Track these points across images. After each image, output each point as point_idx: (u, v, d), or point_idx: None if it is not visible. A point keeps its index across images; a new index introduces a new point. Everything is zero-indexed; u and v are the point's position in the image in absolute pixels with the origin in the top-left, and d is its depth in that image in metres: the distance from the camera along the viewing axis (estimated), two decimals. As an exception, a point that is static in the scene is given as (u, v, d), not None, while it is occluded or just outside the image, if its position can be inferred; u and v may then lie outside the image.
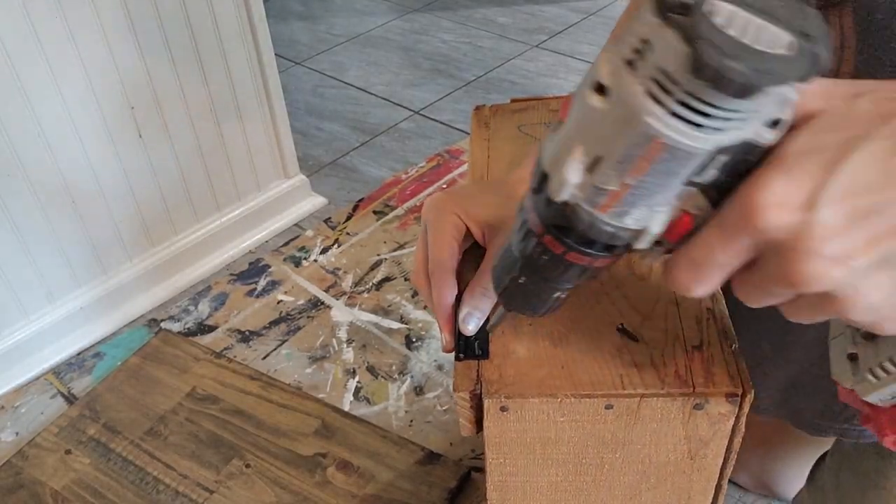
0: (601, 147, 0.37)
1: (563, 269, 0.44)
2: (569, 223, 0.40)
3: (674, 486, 0.60)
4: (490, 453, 0.58)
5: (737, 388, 0.52)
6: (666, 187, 0.37)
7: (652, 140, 0.34)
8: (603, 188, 0.37)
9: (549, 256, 0.43)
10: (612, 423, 0.54)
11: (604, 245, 0.41)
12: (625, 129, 0.35)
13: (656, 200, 0.38)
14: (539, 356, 0.56)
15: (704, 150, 0.34)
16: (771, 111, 0.35)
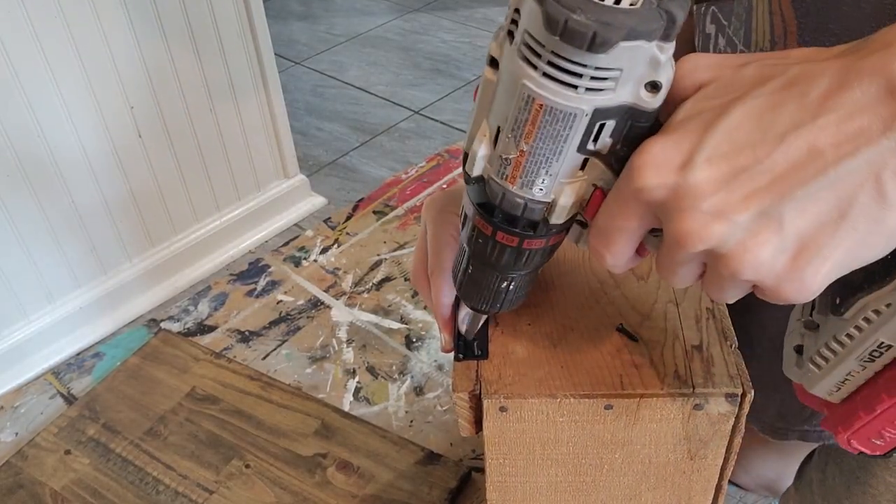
0: (499, 117, 0.39)
1: (498, 251, 0.45)
2: (488, 199, 0.42)
3: (674, 486, 0.59)
4: (489, 454, 0.57)
5: (737, 388, 0.52)
6: (560, 153, 0.38)
7: (532, 102, 0.36)
8: (506, 157, 0.39)
9: (482, 239, 0.45)
10: (611, 424, 0.54)
11: (527, 222, 0.42)
12: (511, 95, 0.37)
13: (556, 169, 0.39)
14: (538, 356, 0.56)
15: (581, 109, 0.36)
16: (642, 72, 0.36)
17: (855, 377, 0.42)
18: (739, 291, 0.39)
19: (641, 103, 0.37)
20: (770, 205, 0.34)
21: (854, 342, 0.40)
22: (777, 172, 0.34)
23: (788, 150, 0.34)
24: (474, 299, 0.52)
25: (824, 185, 0.34)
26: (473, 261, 0.49)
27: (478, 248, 0.47)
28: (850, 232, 0.34)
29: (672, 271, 0.40)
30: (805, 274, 0.35)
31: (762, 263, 0.35)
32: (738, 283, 0.37)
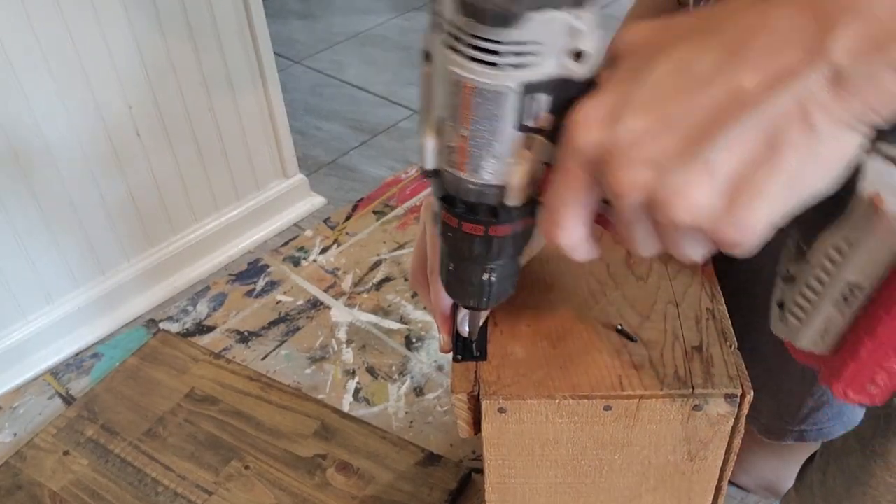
0: (439, 108, 0.40)
1: (468, 243, 0.45)
2: (446, 191, 0.43)
3: (674, 487, 0.59)
4: (488, 455, 0.57)
5: (736, 388, 0.52)
6: (498, 133, 0.39)
7: (462, 86, 0.37)
8: (452, 146, 0.40)
9: (451, 232, 0.46)
10: (610, 425, 0.54)
11: (486, 209, 0.43)
12: (444, 84, 0.38)
13: (499, 150, 0.39)
14: (537, 357, 0.55)
15: (507, 87, 0.37)
16: (562, 42, 0.36)
17: (836, 323, 0.41)
18: (694, 243, 0.38)
19: (570, 73, 0.37)
20: (699, 147, 0.34)
21: (824, 286, 0.39)
22: (704, 115, 0.34)
23: (713, 92, 0.34)
24: (461, 296, 0.52)
25: (751, 122, 0.33)
26: (451, 257, 0.49)
27: (450, 243, 0.47)
28: (782, 167, 0.33)
29: (629, 235, 0.39)
30: (742, 214, 0.34)
31: (697, 206, 0.35)
32: (683, 233, 0.37)
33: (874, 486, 0.69)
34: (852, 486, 0.72)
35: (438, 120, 0.41)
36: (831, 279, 0.39)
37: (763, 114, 0.33)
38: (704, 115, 0.34)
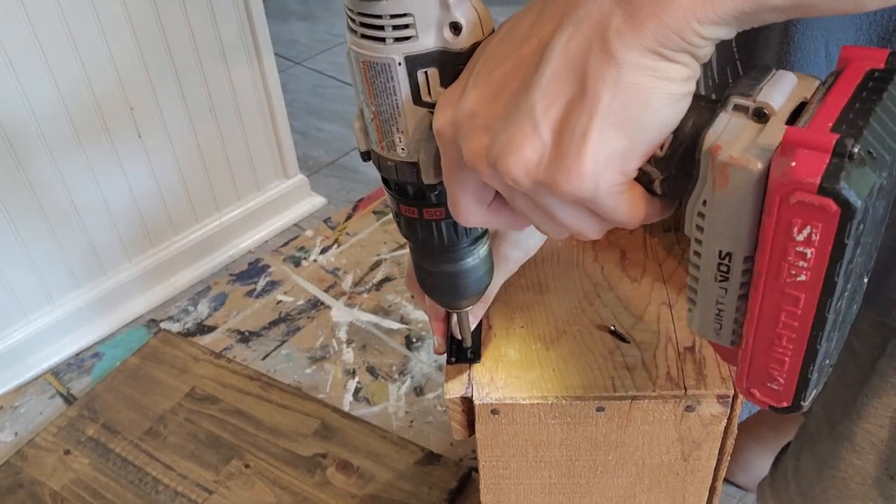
0: (357, 92, 0.42)
1: (412, 228, 0.47)
2: (378, 170, 0.45)
3: (668, 487, 0.59)
4: (482, 456, 0.57)
5: (728, 389, 0.52)
6: (398, 107, 0.40)
7: (360, 63, 0.39)
8: (370, 123, 0.42)
9: (398, 219, 0.47)
10: (604, 426, 0.54)
11: (413, 189, 0.45)
12: (351, 64, 0.41)
13: (404, 125, 0.41)
14: (530, 359, 0.56)
15: (392, 59, 0.38)
16: (436, 14, 0.38)
17: (726, 306, 0.37)
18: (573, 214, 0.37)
19: (449, 46, 0.38)
20: (518, 103, 0.34)
21: (701, 259, 0.36)
22: (520, 73, 0.35)
23: (525, 49, 0.35)
24: (432, 290, 0.52)
25: (557, 64, 0.33)
26: (411, 248, 0.51)
27: (402, 232, 0.48)
28: (597, 104, 0.33)
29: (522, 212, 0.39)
30: (569, 158, 0.33)
31: (529, 160, 0.34)
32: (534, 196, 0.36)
33: (843, 468, 0.69)
34: (823, 469, 0.72)
35: (360, 103, 0.43)
36: (704, 250, 0.36)
37: (566, 52, 0.33)
38: (521, 72, 0.35)
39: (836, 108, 0.31)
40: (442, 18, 0.38)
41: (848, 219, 0.30)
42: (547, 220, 0.38)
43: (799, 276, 0.32)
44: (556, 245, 0.65)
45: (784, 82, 0.34)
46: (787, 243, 0.32)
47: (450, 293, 0.52)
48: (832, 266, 0.31)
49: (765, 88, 0.33)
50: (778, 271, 0.33)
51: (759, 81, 0.34)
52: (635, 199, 0.36)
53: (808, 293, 0.33)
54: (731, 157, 0.32)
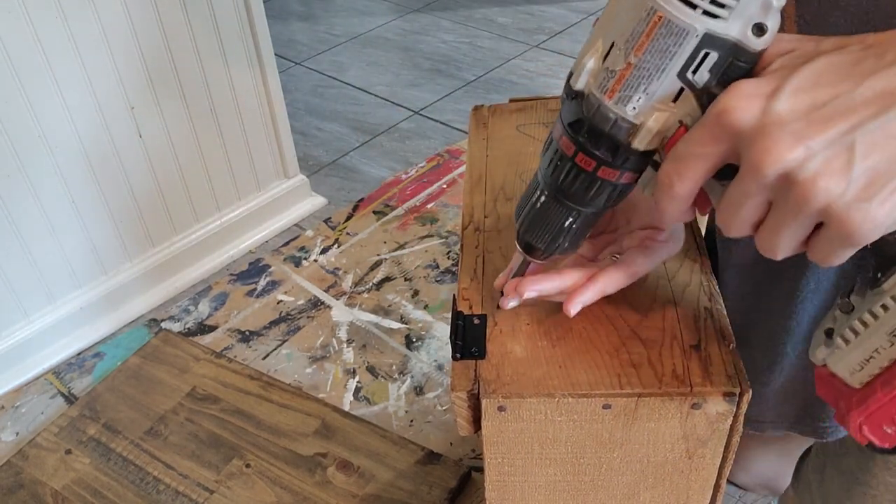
0: (616, 32, 0.42)
1: (573, 176, 0.48)
2: (580, 116, 0.45)
3: (672, 485, 0.59)
4: (488, 453, 0.58)
5: (734, 387, 0.52)
6: (662, 72, 0.41)
7: (654, 14, 0.40)
8: (613, 70, 0.43)
9: (561, 161, 0.48)
10: (609, 423, 0.54)
11: (610, 144, 0.45)
12: (635, 9, 0.41)
13: (653, 89, 0.42)
14: (537, 356, 0.56)
15: (694, 28, 0.40)
16: (753, 11, 0.39)
17: (880, 354, 0.42)
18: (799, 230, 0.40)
19: (746, 42, 0.40)
20: (844, 134, 0.37)
21: (888, 313, 0.41)
22: (853, 107, 0.37)
23: (864, 90, 0.37)
24: (535, 234, 0.53)
25: (894, 119, 0.36)
26: (545, 190, 0.51)
27: (554, 174, 0.49)
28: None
29: (738, 205, 0.41)
30: (872, 204, 0.37)
31: (832, 189, 0.37)
32: (804, 215, 0.39)
33: (875, 486, 0.69)
34: (852, 486, 0.72)
35: (610, 44, 0.43)
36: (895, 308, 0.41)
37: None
38: (854, 107, 0.37)
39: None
40: (755, 16, 0.40)
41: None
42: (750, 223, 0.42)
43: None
44: None
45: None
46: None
47: (552, 241, 0.53)
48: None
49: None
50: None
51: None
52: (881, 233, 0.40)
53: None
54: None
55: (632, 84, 0.42)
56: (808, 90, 0.38)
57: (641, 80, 0.42)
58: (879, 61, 0.37)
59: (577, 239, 0.53)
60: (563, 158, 0.48)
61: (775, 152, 0.38)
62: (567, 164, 0.48)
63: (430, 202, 1.81)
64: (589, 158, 0.46)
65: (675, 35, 0.40)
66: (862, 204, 0.37)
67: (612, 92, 0.43)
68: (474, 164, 0.77)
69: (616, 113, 0.44)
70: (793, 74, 0.39)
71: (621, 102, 0.43)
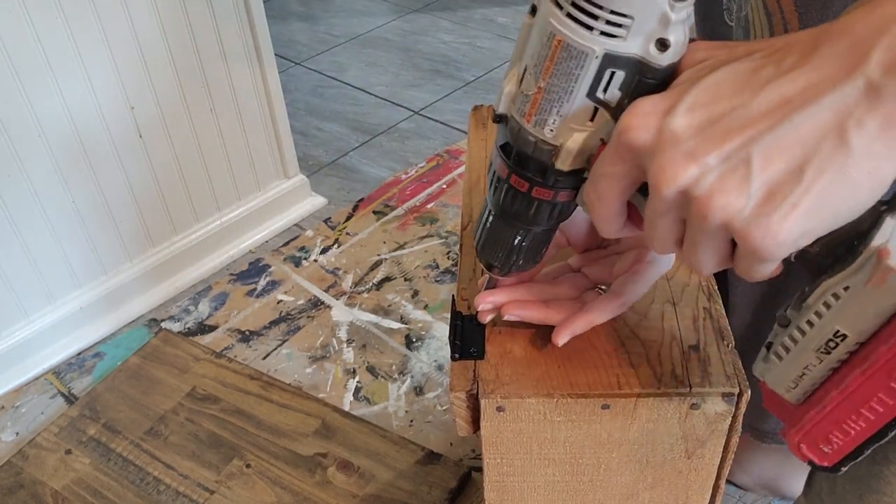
0: (527, 57, 0.43)
1: (511, 197, 0.48)
2: (508, 138, 0.46)
3: (671, 485, 0.60)
4: (487, 453, 0.58)
5: (733, 387, 0.52)
6: (571, 93, 0.41)
7: (553, 38, 0.40)
8: (527, 94, 0.43)
9: (498, 183, 0.48)
10: (608, 423, 0.55)
11: (537, 165, 0.45)
12: (539, 34, 0.41)
13: (566, 110, 0.42)
14: (536, 356, 0.56)
15: (593, 49, 0.39)
16: (652, 27, 0.39)
17: (812, 372, 0.41)
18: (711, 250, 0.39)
19: (650, 58, 0.40)
20: (739, 148, 0.36)
21: (813, 330, 0.40)
22: (749, 119, 0.36)
23: (761, 100, 0.36)
24: (489, 253, 0.54)
25: (790, 129, 0.35)
26: (492, 211, 0.51)
27: (496, 195, 0.49)
28: (815, 179, 0.34)
29: (653, 224, 0.41)
30: (772, 220, 0.36)
31: (730, 205, 0.36)
32: (709, 232, 0.38)
33: (889, 493, 0.69)
34: (865, 493, 0.71)
35: (523, 69, 0.43)
36: (822, 323, 0.39)
37: (801, 122, 0.35)
38: (750, 120, 0.36)
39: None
40: (655, 32, 0.39)
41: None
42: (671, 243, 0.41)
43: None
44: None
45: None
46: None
47: (506, 260, 0.53)
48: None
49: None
50: (892, 368, 0.37)
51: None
52: (778, 264, 0.39)
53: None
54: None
55: (545, 107, 0.42)
56: (704, 104, 0.37)
57: (553, 102, 0.42)
58: (778, 68, 0.36)
59: (533, 255, 0.53)
60: (500, 180, 0.48)
61: (670, 171, 0.37)
62: (504, 186, 0.48)
63: (429, 202, 1.81)
64: (521, 180, 0.47)
65: (575, 58, 0.40)
66: (762, 219, 0.36)
67: (529, 115, 0.43)
68: (474, 164, 0.77)
69: (535, 135, 0.44)
70: (691, 88, 0.38)
71: (538, 125, 0.43)
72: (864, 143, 0.34)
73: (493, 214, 0.52)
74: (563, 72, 0.41)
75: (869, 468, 0.70)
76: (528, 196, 0.47)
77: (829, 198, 0.35)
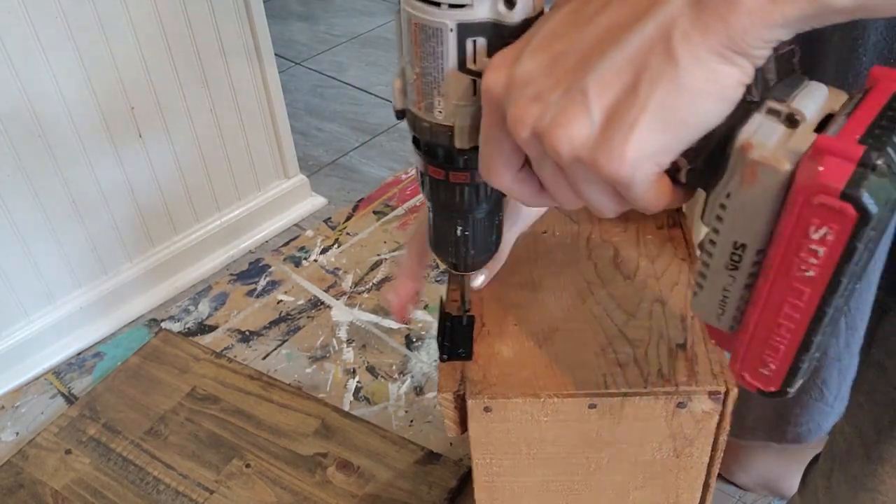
0: (403, 48, 0.43)
1: (435, 188, 0.49)
2: (412, 131, 0.46)
3: (661, 484, 0.60)
4: (476, 454, 0.58)
5: (720, 386, 0.52)
6: (444, 72, 0.42)
7: (411, 24, 0.41)
8: (410, 83, 0.44)
9: (422, 178, 0.49)
10: (596, 423, 0.54)
11: (443, 151, 0.46)
12: (403, 24, 0.42)
13: (445, 89, 0.42)
14: (523, 356, 0.56)
15: (445, 24, 0.40)
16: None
17: (731, 293, 0.40)
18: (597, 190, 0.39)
19: (502, 18, 0.40)
20: (575, 80, 0.36)
21: (716, 247, 0.39)
22: (582, 51, 0.36)
23: (591, 30, 0.36)
24: (443, 252, 0.54)
25: (619, 52, 0.35)
26: (430, 207, 0.52)
27: (424, 190, 0.50)
28: (649, 95, 0.34)
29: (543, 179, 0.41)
30: (614, 143, 0.35)
31: (574, 136, 0.36)
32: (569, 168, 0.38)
33: (884, 492, 0.69)
34: (859, 491, 0.71)
35: (403, 62, 0.44)
36: (720, 238, 0.38)
37: (629, 43, 0.34)
38: (583, 51, 0.36)
39: (864, 123, 0.33)
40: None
41: (863, 224, 0.32)
42: (567, 192, 0.40)
43: (808, 272, 0.35)
44: (549, 243, 0.65)
45: (817, 93, 0.36)
46: (802, 241, 0.34)
47: (462, 255, 0.53)
48: (840, 266, 0.34)
49: (799, 96, 0.36)
50: (789, 266, 0.35)
51: (794, 89, 0.36)
52: (662, 188, 0.38)
53: (814, 289, 0.35)
54: (762, 157, 0.35)
55: (427, 91, 0.43)
56: (545, 47, 0.37)
57: (431, 85, 0.42)
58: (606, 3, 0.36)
59: (485, 244, 0.53)
60: (422, 175, 0.49)
61: (518, 115, 0.37)
62: (426, 179, 0.49)
63: (430, 201, 1.81)
64: (437, 169, 0.47)
65: (434, 36, 0.40)
66: (605, 144, 0.35)
67: (419, 103, 0.44)
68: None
69: (428, 121, 0.44)
70: (535, 34, 0.38)
71: (428, 110, 0.44)
72: (690, 51, 0.33)
73: (431, 211, 0.52)
74: (428, 52, 0.41)
75: (864, 467, 0.70)
76: (447, 183, 0.48)
77: (669, 110, 0.34)
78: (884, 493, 0.69)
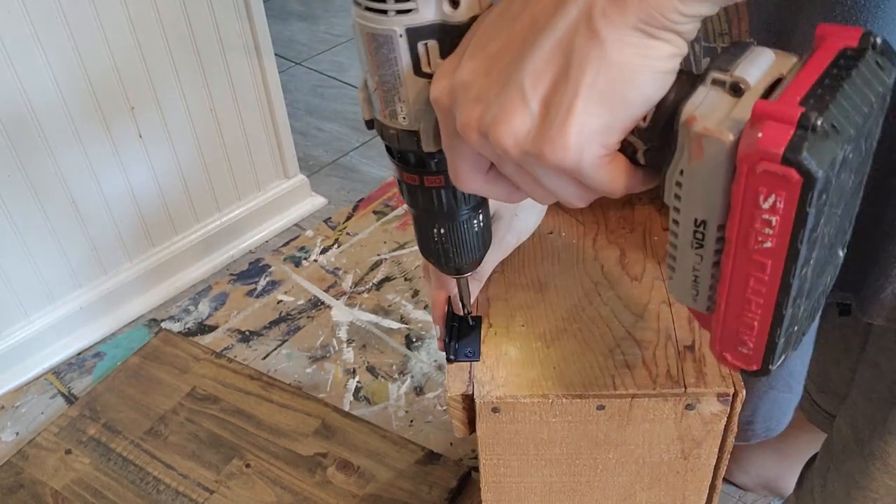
0: (361, 63, 0.43)
1: (413, 195, 0.49)
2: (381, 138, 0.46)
3: (668, 486, 0.60)
4: (483, 454, 0.58)
5: (728, 388, 0.52)
6: (399, 77, 0.42)
7: (364, 35, 0.41)
8: (373, 91, 0.44)
9: (400, 187, 0.50)
10: (604, 424, 0.55)
11: (413, 156, 0.46)
12: (358, 35, 0.42)
13: (405, 95, 0.43)
14: (531, 357, 0.56)
15: (394, 30, 0.40)
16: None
17: (701, 271, 0.39)
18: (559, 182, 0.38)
19: (449, 18, 0.40)
20: (510, 76, 0.36)
21: (679, 227, 0.38)
22: (514, 47, 0.36)
23: (520, 23, 0.36)
24: (433, 257, 0.54)
25: (547, 41, 0.35)
26: (412, 213, 0.52)
27: (404, 197, 0.50)
28: (580, 77, 0.34)
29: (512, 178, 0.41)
30: (553, 130, 0.35)
31: (517, 130, 0.36)
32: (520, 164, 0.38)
33: (874, 489, 0.69)
34: (852, 489, 0.72)
35: (364, 73, 0.44)
36: (681, 217, 0.37)
37: (554, 30, 0.35)
38: (516, 47, 0.36)
39: (807, 84, 0.33)
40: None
41: (809, 188, 0.31)
42: (535, 187, 0.40)
43: (765, 243, 0.34)
44: (556, 244, 0.65)
45: (762, 58, 0.35)
46: (754, 211, 0.33)
47: (448, 258, 0.53)
48: (795, 233, 0.33)
49: (742, 64, 0.35)
50: (746, 238, 0.35)
51: (738, 57, 0.35)
52: (618, 170, 0.37)
53: (774, 260, 0.35)
54: (705, 129, 0.34)
55: (388, 98, 0.43)
56: (481, 48, 0.38)
57: (391, 92, 0.43)
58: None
59: (469, 248, 0.53)
60: (400, 183, 0.49)
61: (465, 119, 0.38)
62: (404, 186, 0.49)
63: (430, 202, 1.81)
64: (411, 174, 0.48)
65: (385, 44, 0.41)
66: (546, 133, 0.36)
67: (384, 111, 0.44)
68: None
69: (395, 128, 0.44)
70: (471, 39, 0.39)
71: (392, 117, 0.44)
72: (612, 28, 0.33)
73: (414, 218, 0.52)
74: (383, 60, 0.41)
75: (857, 465, 0.71)
76: (423, 188, 0.48)
77: (604, 89, 0.34)
78: (874, 490, 0.69)
